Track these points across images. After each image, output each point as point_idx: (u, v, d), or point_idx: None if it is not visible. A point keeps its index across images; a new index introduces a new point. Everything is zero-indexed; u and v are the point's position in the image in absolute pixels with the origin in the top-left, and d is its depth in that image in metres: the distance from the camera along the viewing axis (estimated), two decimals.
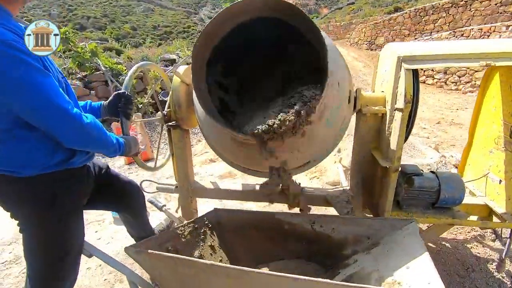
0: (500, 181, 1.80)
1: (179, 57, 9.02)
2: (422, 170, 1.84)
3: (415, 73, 1.49)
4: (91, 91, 5.95)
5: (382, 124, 1.78)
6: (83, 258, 1.60)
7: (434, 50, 1.48)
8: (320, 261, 1.67)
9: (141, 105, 6.22)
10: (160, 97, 7.77)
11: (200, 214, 1.95)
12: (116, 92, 1.57)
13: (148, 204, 2.28)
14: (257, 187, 2.15)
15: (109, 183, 1.74)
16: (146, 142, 5.16)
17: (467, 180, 2.15)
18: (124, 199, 1.85)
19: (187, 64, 9.30)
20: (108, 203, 1.79)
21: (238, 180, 3.86)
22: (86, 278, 2.28)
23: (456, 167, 2.92)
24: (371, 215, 1.97)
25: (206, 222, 1.84)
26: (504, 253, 1.83)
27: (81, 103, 1.59)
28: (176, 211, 2.32)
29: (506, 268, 1.92)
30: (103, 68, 6.17)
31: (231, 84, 1.69)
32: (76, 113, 1.17)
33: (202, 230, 1.80)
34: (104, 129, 1.35)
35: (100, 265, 2.40)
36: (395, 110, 1.58)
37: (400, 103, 1.50)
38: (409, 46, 1.57)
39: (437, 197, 1.77)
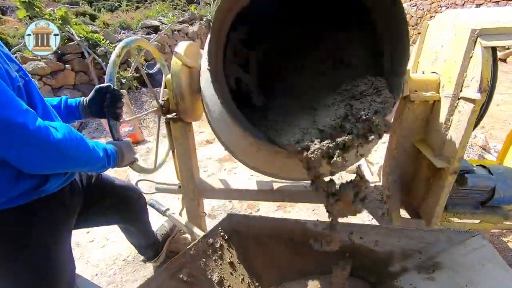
0: None
1: (162, 23, 8.17)
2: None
3: (494, 52, 1.15)
4: (66, 65, 5.28)
5: (432, 113, 1.47)
6: (77, 265, 1.30)
7: None
8: (362, 277, 1.45)
9: (124, 80, 5.63)
10: (145, 69, 7.17)
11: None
12: (98, 87, 1.17)
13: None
14: (274, 186, 1.86)
15: (103, 194, 1.40)
16: (134, 121, 4.70)
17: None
18: (123, 210, 1.53)
19: (174, 31, 8.48)
20: (104, 217, 1.47)
21: (240, 167, 3.55)
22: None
23: (484, 149, 2.70)
24: (408, 217, 1.73)
25: (222, 233, 1.55)
26: None
27: (54, 100, 1.19)
28: (180, 214, 2.02)
29: None
30: (77, 38, 5.43)
31: (253, 65, 1.29)
32: (38, 127, 0.80)
33: (219, 245, 1.52)
34: (85, 141, 0.98)
35: (97, 274, 2.13)
36: (459, 99, 1.26)
37: (471, 92, 1.18)
38: (485, 15, 1.20)
39: (490, 196, 1.53)
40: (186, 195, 1.89)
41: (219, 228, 1.54)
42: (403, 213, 1.80)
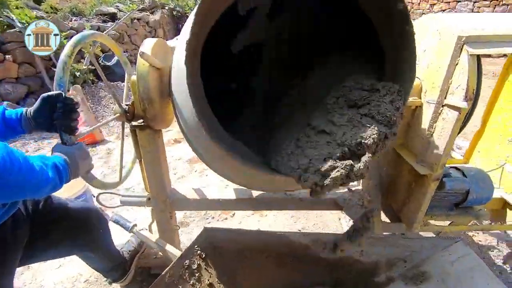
0: None
1: (120, 10, 7.55)
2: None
3: (478, 60, 1.14)
4: (6, 56, 4.63)
5: (414, 118, 1.46)
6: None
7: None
8: None
9: (78, 73, 5.10)
10: (102, 62, 6.56)
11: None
12: (46, 95, 0.96)
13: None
14: (254, 193, 1.75)
15: (54, 220, 1.19)
16: (91, 119, 4.28)
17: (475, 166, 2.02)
18: (80, 236, 1.32)
19: (133, 20, 7.86)
20: (56, 248, 1.25)
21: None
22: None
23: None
24: (388, 221, 1.74)
25: (198, 251, 1.42)
26: None
27: None
28: (150, 228, 1.84)
29: None
30: (18, 24, 4.77)
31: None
32: None
33: (196, 266, 1.38)
34: (29, 163, 0.78)
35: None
36: (443, 106, 1.25)
37: (456, 100, 1.16)
38: (471, 21, 1.19)
39: (464, 198, 1.57)
40: (157, 208, 1.71)
41: (196, 246, 1.41)
42: (383, 217, 1.81)
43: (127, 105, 1.41)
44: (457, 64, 1.16)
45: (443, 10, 8.39)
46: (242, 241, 1.46)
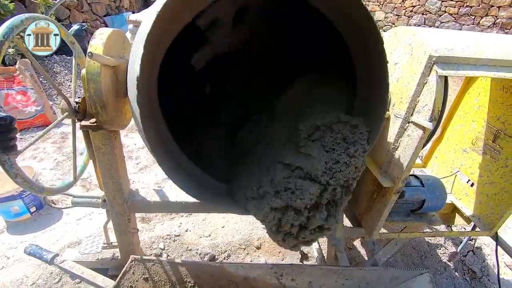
0: (472, 184, 1.78)
1: None
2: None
3: (446, 81, 1.15)
4: None
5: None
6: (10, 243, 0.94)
7: (483, 49, 1.13)
8: None
9: None
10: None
11: None
12: None
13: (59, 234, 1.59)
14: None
15: None
16: (43, 99, 3.87)
17: (431, 171, 2.13)
18: None
19: (67, 6, 7.13)
20: None
21: None
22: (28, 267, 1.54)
23: None
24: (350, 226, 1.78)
25: None
26: (459, 248, 1.92)
27: None
28: (105, 228, 1.72)
29: (457, 259, 2.08)
30: None
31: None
32: None
33: None
34: None
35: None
36: (409, 123, 1.26)
37: (422, 119, 1.17)
38: (443, 39, 1.18)
39: (420, 205, 1.65)
40: (113, 211, 1.59)
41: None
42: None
43: (76, 102, 1.24)
44: (425, 83, 1.16)
45: (414, 7, 8.63)
46: (174, 274, 1.34)
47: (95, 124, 1.26)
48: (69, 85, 4.85)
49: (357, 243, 2.24)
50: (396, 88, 1.35)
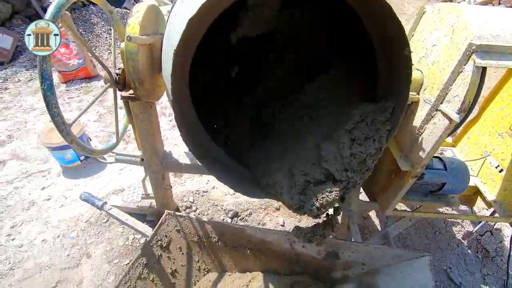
0: (501, 170, 1.73)
1: None
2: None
3: (483, 71, 1.09)
4: None
5: (408, 112, 1.44)
6: (36, 226, 1.23)
7: None
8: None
9: None
10: None
11: None
12: None
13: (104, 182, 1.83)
14: None
15: None
16: (85, 53, 4.07)
17: (461, 151, 2.08)
18: None
19: None
20: None
21: None
22: (43, 253, 2.00)
23: None
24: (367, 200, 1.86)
25: (159, 242, 1.49)
26: (475, 228, 1.95)
27: None
28: (143, 183, 1.96)
29: (471, 238, 2.12)
30: None
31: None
32: None
33: (157, 257, 1.45)
34: None
35: (59, 235, 2.10)
36: (437, 111, 1.23)
37: (451, 110, 1.14)
38: (492, 23, 1.08)
39: (440, 188, 1.67)
40: (150, 170, 1.80)
41: (155, 238, 1.47)
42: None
43: (117, 74, 1.36)
44: (461, 72, 1.11)
45: None
46: (202, 229, 1.54)
47: (133, 95, 1.38)
48: (106, 37, 4.99)
49: (372, 213, 2.33)
50: (430, 72, 1.29)
